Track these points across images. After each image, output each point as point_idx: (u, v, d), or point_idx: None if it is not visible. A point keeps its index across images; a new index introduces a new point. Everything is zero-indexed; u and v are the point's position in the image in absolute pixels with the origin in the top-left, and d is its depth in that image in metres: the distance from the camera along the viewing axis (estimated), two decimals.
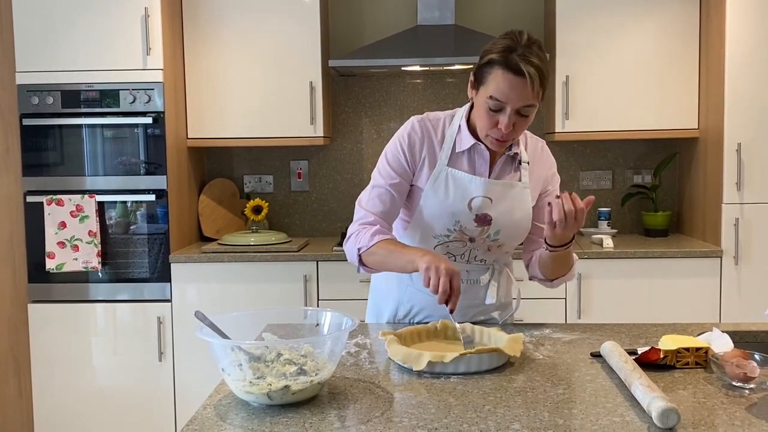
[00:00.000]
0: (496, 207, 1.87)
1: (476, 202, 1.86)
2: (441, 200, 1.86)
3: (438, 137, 1.90)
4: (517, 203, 1.89)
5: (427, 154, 1.88)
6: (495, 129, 1.77)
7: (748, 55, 3.29)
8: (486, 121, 1.78)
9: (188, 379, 3.45)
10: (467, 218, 1.86)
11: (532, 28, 3.89)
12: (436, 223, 1.88)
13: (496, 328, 1.76)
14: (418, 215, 1.90)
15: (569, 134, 3.63)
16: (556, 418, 1.30)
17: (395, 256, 1.77)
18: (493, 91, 1.73)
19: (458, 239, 1.89)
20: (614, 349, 1.57)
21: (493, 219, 1.87)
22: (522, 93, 1.71)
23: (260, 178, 4.06)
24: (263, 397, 1.35)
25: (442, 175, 1.87)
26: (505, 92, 1.71)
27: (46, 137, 3.45)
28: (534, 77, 1.69)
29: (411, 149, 1.89)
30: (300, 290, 3.43)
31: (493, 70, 1.72)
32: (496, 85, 1.72)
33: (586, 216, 1.73)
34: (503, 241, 1.91)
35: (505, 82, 1.71)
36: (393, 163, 1.89)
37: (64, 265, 3.40)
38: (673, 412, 1.23)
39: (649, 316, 3.24)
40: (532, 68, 1.68)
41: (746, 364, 1.43)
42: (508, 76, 1.70)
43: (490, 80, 1.74)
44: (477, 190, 1.86)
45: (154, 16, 3.38)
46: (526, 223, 1.92)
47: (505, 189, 1.88)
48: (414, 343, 1.74)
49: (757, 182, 3.33)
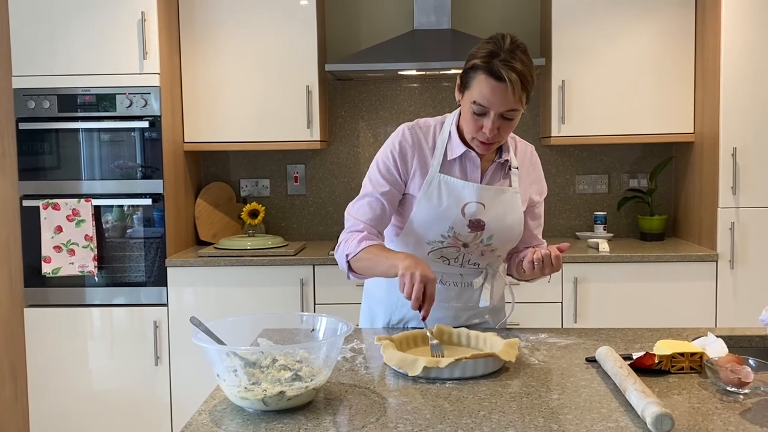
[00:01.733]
0: (488, 212, 1.88)
1: (470, 208, 1.87)
2: (434, 207, 1.87)
3: (429, 144, 1.91)
4: (509, 208, 1.91)
5: (418, 162, 1.89)
6: (480, 132, 1.80)
7: (744, 59, 3.30)
8: (471, 125, 1.80)
9: (184, 383, 3.45)
10: (461, 224, 1.87)
11: (528, 33, 3.91)
12: (429, 230, 1.89)
13: (493, 333, 1.76)
14: (411, 222, 1.90)
15: (565, 138, 3.63)
16: (550, 423, 1.30)
17: (380, 261, 1.79)
18: (476, 96, 1.75)
19: (452, 245, 1.90)
20: (609, 354, 1.58)
21: (486, 224, 1.88)
22: (504, 98, 1.73)
23: (257, 182, 4.06)
24: (258, 402, 1.35)
25: (435, 182, 1.88)
26: (488, 97, 1.74)
27: (43, 141, 3.45)
28: (515, 83, 1.71)
29: (402, 157, 1.90)
30: (296, 294, 3.43)
31: (477, 75, 1.75)
32: (479, 90, 1.75)
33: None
34: (496, 245, 1.92)
35: (487, 88, 1.73)
36: (384, 172, 1.90)
37: (60, 269, 3.40)
38: (667, 418, 1.23)
39: (645, 320, 3.25)
40: (513, 74, 1.70)
41: (741, 369, 1.43)
42: (490, 81, 1.73)
43: (474, 85, 1.76)
44: (470, 195, 1.87)
45: (151, 20, 3.38)
46: (518, 227, 1.93)
47: (496, 194, 1.90)
48: (409, 349, 1.74)
49: (752, 186, 3.34)
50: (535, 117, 3.97)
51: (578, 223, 4.01)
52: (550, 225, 3.90)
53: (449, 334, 1.79)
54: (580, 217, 4.01)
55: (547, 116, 3.75)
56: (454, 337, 1.79)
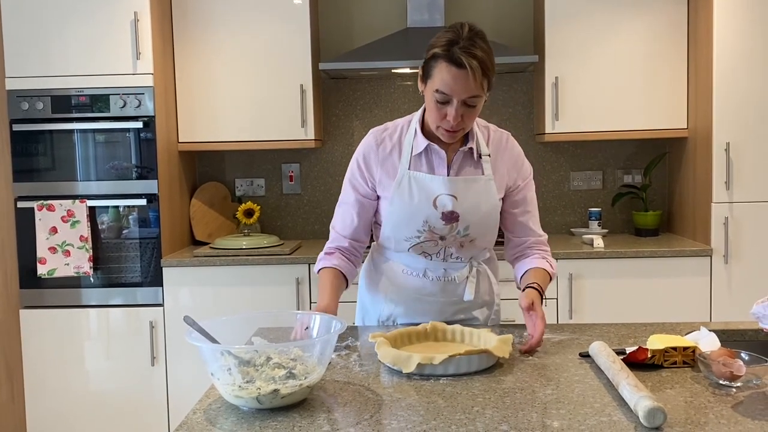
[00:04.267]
0: (461, 203, 1.90)
1: (441, 200, 1.89)
2: (406, 203, 1.90)
3: (396, 145, 1.95)
4: (483, 197, 1.92)
5: (383, 166, 1.94)
6: (444, 121, 1.82)
7: (737, 54, 3.31)
8: (435, 114, 1.82)
9: (181, 383, 3.45)
10: (434, 217, 1.90)
11: (521, 30, 3.91)
12: (405, 226, 1.92)
13: (487, 330, 1.77)
14: (387, 221, 1.95)
15: (559, 135, 3.64)
16: (544, 418, 1.30)
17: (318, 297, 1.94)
18: (438, 85, 1.78)
19: (429, 239, 1.93)
20: (602, 349, 1.58)
21: (461, 215, 1.90)
22: (466, 85, 1.75)
23: (252, 181, 4.06)
24: (253, 401, 1.36)
25: (405, 179, 1.91)
26: (450, 85, 1.76)
27: (37, 143, 3.44)
28: (476, 69, 1.73)
29: (366, 164, 1.96)
30: (292, 293, 3.43)
31: (438, 63, 1.77)
32: (441, 79, 1.77)
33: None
34: (474, 235, 1.94)
35: (449, 75, 1.76)
36: (353, 181, 1.98)
37: (55, 270, 3.40)
38: (659, 411, 1.23)
39: (640, 316, 3.26)
40: (474, 60, 1.73)
41: (733, 362, 1.44)
42: (451, 69, 1.75)
43: (435, 74, 1.78)
44: (439, 188, 1.90)
45: (144, 20, 3.38)
46: (494, 214, 1.95)
47: (467, 184, 1.91)
48: (404, 345, 1.75)
49: (745, 181, 3.35)
50: (529, 114, 3.98)
51: (573, 219, 4.02)
52: (545, 222, 3.88)
53: (443, 331, 1.80)
54: (574, 214, 4.02)
55: (540, 113, 3.76)
56: (448, 333, 1.80)
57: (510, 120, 3.97)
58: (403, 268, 2.00)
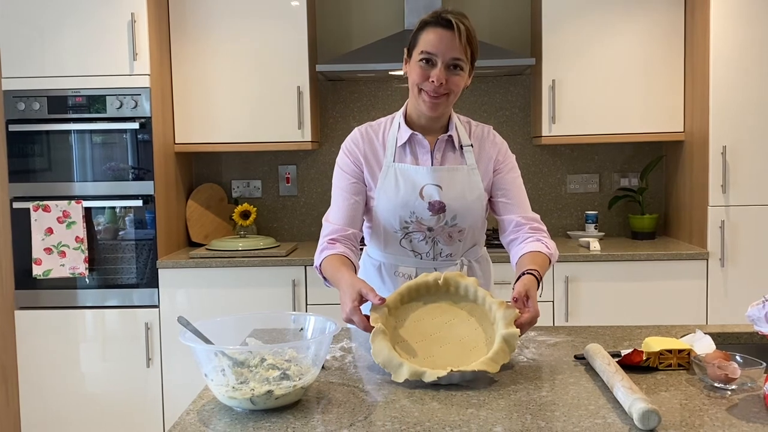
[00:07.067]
0: (447, 193, 1.91)
1: (427, 191, 1.91)
2: (392, 195, 1.92)
3: (380, 140, 1.98)
4: (467, 186, 1.93)
5: (368, 160, 1.96)
6: (427, 82, 1.84)
7: (733, 58, 3.32)
8: (419, 75, 1.85)
9: (176, 384, 3.44)
10: (421, 208, 1.91)
11: (519, 33, 3.92)
12: (393, 218, 1.94)
13: (497, 302, 1.61)
14: (376, 214, 1.97)
15: (556, 138, 3.64)
16: (538, 420, 1.30)
17: (335, 280, 1.83)
18: (424, 46, 1.84)
19: (417, 230, 1.94)
20: (597, 351, 1.58)
21: (447, 205, 1.91)
22: (451, 44, 1.81)
23: (248, 182, 4.05)
24: (246, 402, 1.35)
25: (390, 171, 1.94)
26: (435, 44, 1.82)
27: (33, 143, 3.44)
28: (462, 32, 1.80)
29: (354, 154, 1.98)
30: (288, 295, 3.43)
31: (425, 29, 1.85)
32: (427, 40, 1.83)
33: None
34: (462, 225, 1.95)
35: (435, 36, 1.82)
36: (344, 167, 1.99)
37: (51, 271, 3.39)
38: (653, 414, 1.23)
39: (636, 319, 3.26)
40: (461, 25, 1.81)
41: (727, 365, 1.44)
42: (437, 30, 1.82)
43: (421, 39, 1.85)
44: (424, 178, 1.91)
45: (141, 21, 3.37)
46: (479, 203, 1.96)
47: (451, 174, 1.93)
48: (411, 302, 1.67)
49: (742, 185, 3.36)
50: (526, 117, 3.98)
51: (569, 222, 4.02)
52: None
53: (456, 286, 1.67)
54: (571, 217, 4.02)
55: (537, 116, 3.76)
56: (461, 289, 1.67)
57: (507, 123, 3.97)
58: (394, 269, 2.01)
